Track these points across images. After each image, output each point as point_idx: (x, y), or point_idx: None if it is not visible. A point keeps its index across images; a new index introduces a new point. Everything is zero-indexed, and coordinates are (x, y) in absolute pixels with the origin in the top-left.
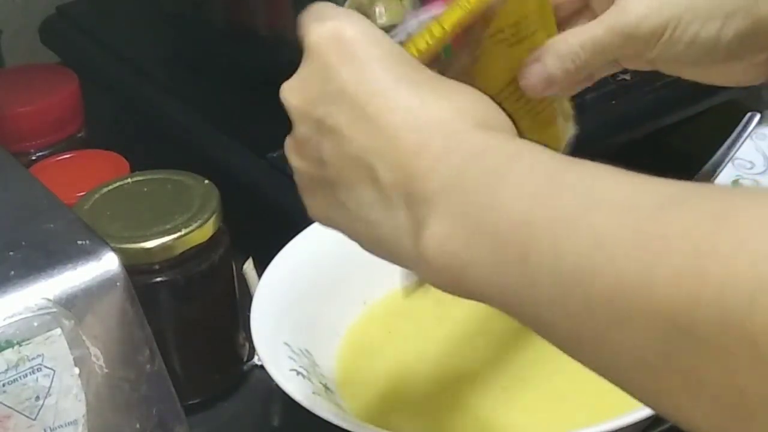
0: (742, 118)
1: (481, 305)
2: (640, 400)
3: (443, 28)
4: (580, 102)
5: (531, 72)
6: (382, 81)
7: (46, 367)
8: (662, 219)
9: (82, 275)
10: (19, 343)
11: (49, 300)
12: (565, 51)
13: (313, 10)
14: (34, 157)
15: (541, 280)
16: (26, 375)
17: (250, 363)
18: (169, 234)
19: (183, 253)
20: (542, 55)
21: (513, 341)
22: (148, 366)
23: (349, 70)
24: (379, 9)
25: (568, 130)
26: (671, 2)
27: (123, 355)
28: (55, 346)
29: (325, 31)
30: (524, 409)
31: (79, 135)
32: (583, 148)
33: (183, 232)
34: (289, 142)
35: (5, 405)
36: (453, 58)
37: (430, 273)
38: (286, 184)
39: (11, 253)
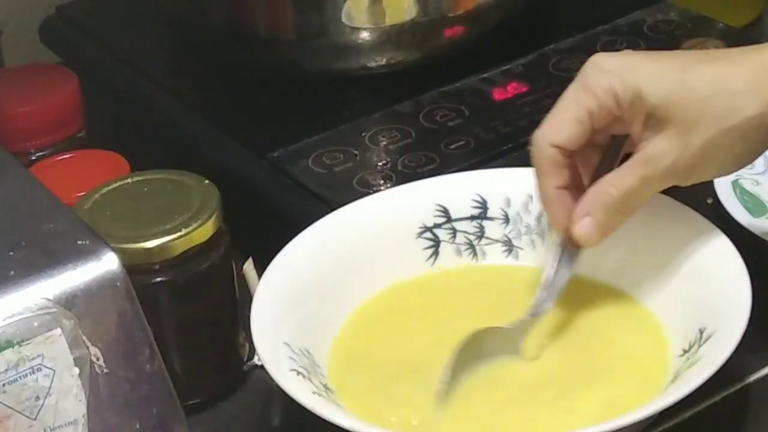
0: None
1: (482, 304)
2: None
3: None
4: None
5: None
6: None
7: (46, 367)
8: None
9: (82, 275)
10: (19, 343)
11: (49, 300)
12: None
13: None
14: (34, 157)
15: None
16: (26, 375)
17: (250, 363)
18: (169, 234)
19: (183, 253)
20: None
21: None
22: (148, 366)
23: None
24: (379, 9)
25: None
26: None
27: (123, 355)
28: (55, 346)
29: None
30: (523, 408)
31: (79, 135)
32: None
33: (183, 232)
34: None
35: (5, 405)
36: None
37: None
38: (286, 184)
39: (11, 253)
